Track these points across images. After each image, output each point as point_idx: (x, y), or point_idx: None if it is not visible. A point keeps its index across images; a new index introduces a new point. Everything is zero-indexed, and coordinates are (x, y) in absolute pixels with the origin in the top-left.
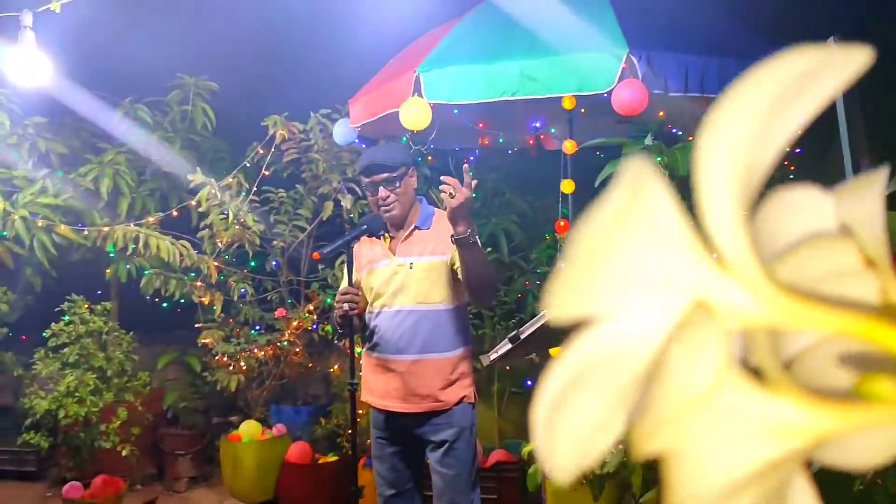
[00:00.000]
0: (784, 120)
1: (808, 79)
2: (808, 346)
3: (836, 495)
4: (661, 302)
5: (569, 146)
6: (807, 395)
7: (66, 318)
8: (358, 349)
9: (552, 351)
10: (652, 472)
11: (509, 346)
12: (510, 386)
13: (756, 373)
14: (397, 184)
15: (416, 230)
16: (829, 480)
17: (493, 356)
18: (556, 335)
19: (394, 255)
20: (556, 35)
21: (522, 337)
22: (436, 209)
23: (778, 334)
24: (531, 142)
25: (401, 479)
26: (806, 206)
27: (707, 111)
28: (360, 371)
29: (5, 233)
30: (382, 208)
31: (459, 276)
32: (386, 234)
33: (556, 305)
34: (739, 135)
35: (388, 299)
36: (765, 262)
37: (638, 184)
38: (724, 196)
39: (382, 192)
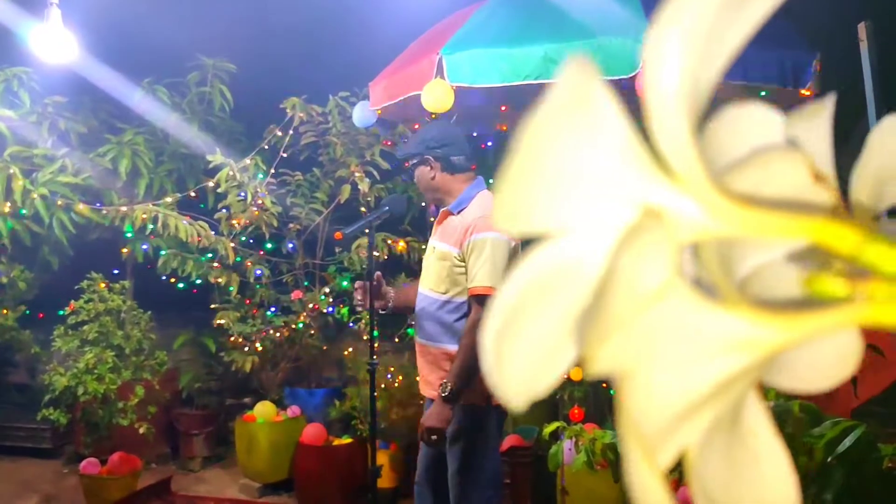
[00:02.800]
0: (733, 25)
1: None
2: (756, 266)
3: (862, 473)
4: (608, 214)
5: None
6: (758, 308)
7: (86, 296)
8: (375, 332)
9: None
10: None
11: None
12: None
13: (705, 291)
14: (413, 172)
15: (450, 215)
16: (855, 459)
17: None
18: None
19: (433, 236)
20: (580, 19)
21: None
22: (480, 192)
23: (727, 251)
24: None
25: (421, 466)
26: (754, 121)
27: (730, 97)
28: None
29: (24, 211)
30: None
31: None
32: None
33: (501, 217)
34: (688, 39)
35: (420, 280)
36: (714, 175)
37: (581, 88)
38: (673, 105)
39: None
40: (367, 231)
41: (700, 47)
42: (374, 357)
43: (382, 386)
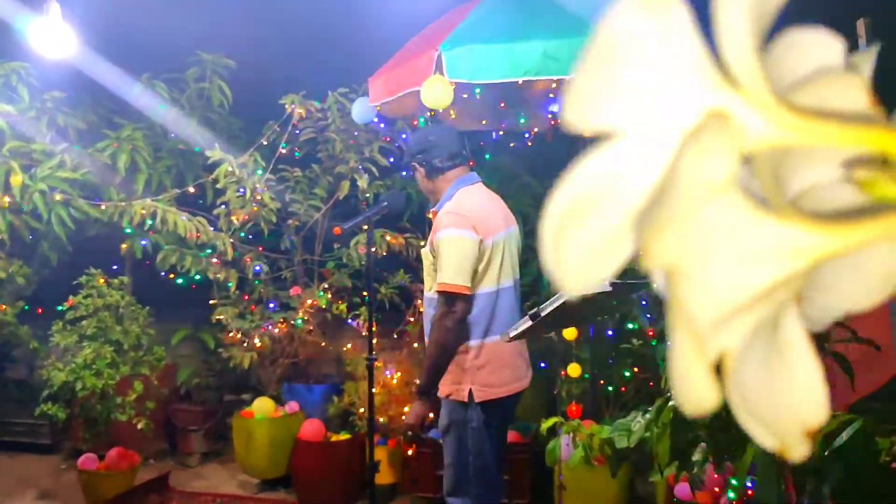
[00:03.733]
0: None
1: None
2: (808, 184)
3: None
4: (673, 117)
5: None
6: (809, 218)
7: (84, 291)
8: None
9: (567, 331)
10: (677, 441)
11: (529, 322)
12: None
13: (757, 201)
14: (413, 173)
15: (436, 215)
16: (853, 453)
17: (512, 333)
18: (576, 315)
19: None
20: (579, 15)
21: (543, 314)
22: (459, 190)
23: (781, 165)
24: (554, 123)
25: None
26: (816, 44)
27: None
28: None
29: (23, 206)
30: None
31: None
32: None
33: (570, 111)
34: None
35: None
36: (776, 89)
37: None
38: (739, 22)
39: None
40: (365, 227)
41: None
42: (374, 352)
43: (381, 382)
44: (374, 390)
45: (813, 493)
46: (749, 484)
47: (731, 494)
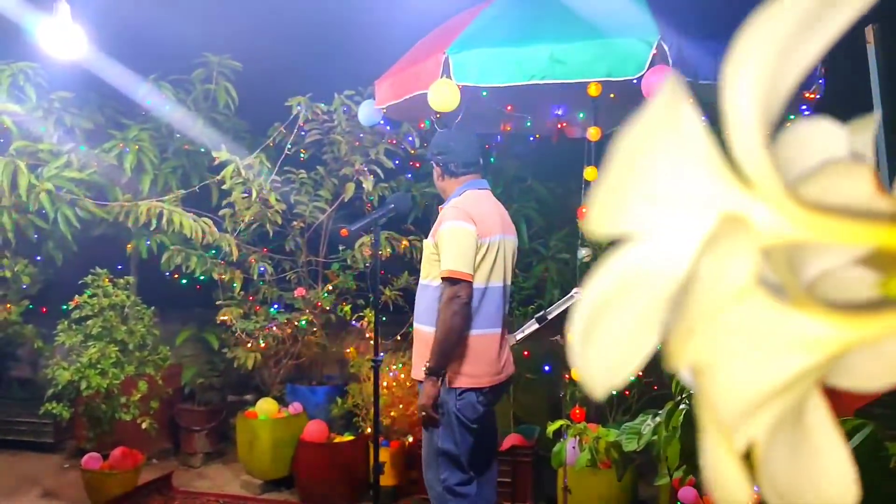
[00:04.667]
0: (804, 46)
1: (826, 5)
2: (824, 270)
3: (870, 472)
4: (690, 220)
5: (593, 133)
6: (827, 309)
7: (90, 290)
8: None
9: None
10: (688, 443)
11: (536, 326)
12: (525, 372)
13: (774, 292)
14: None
15: (442, 209)
16: (862, 458)
17: (519, 336)
18: None
19: None
20: (587, 19)
21: (549, 317)
22: (466, 191)
23: (796, 255)
24: (561, 126)
25: None
26: (821, 135)
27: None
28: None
29: (29, 205)
30: None
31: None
32: None
33: (594, 220)
34: (762, 60)
35: None
36: (786, 184)
37: (670, 104)
38: (749, 118)
39: None
40: (371, 229)
41: (776, 64)
42: (379, 353)
43: (384, 384)
44: (379, 391)
45: None
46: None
47: None
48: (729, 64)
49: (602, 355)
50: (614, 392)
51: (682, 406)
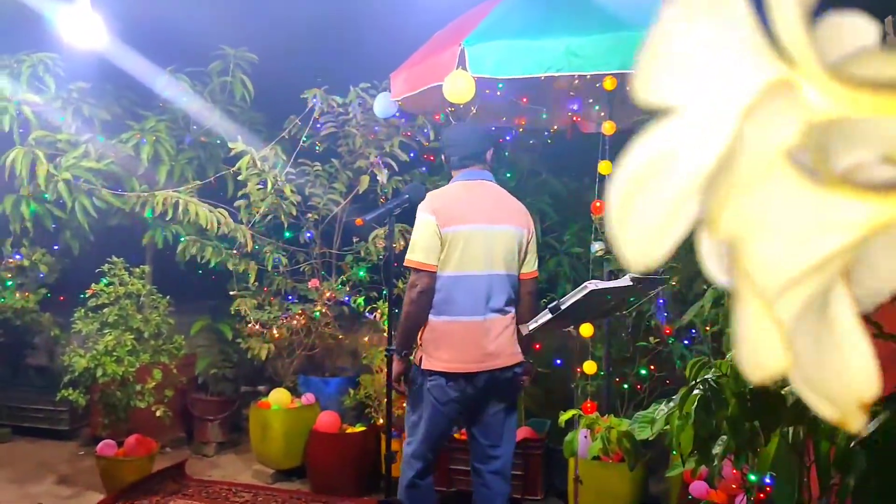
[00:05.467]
0: None
1: None
2: (858, 161)
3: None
4: (732, 93)
5: (608, 127)
6: (858, 190)
7: (106, 279)
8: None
9: (584, 328)
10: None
11: (549, 316)
12: (536, 366)
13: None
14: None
15: None
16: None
17: (532, 326)
18: (595, 309)
19: None
20: (602, 12)
21: (563, 308)
22: (456, 182)
23: (833, 141)
24: (576, 119)
25: None
26: (855, 27)
27: None
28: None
29: (47, 195)
30: None
31: None
32: None
33: (640, 89)
34: None
35: None
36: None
37: None
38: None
39: None
40: (386, 220)
41: None
42: (392, 344)
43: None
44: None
45: (839, 485)
46: (768, 480)
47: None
48: None
49: (640, 228)
50: (625, 386)
51: (695, 391)
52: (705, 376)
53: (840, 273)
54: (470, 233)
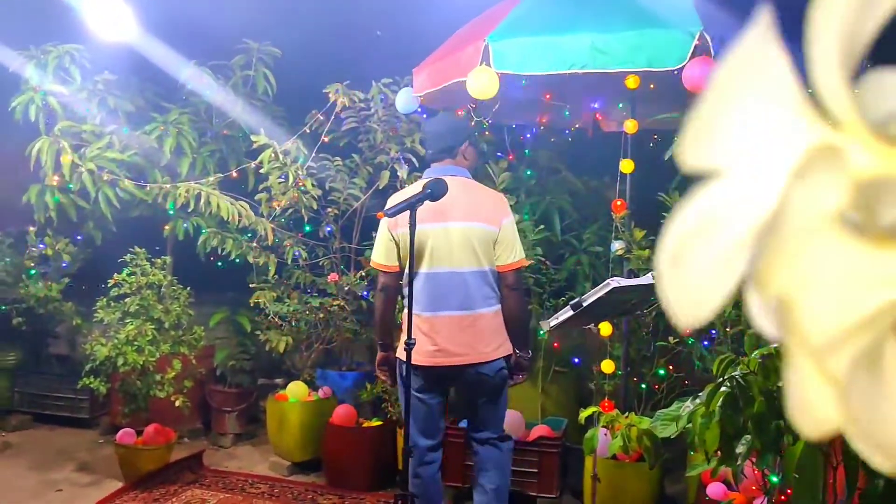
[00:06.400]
0: None
1: None
2: None
3: None
4: (777, 156)
5: (630, 126)
6: None
7: (128, 269)
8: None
9: (602, 327)
10: (727, 428)
11: (570, 312)
12: (553, 364)
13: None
14: None
15: None
16: None
17: (553, 322)
18: (617, 307)
19: None
20: (627, 10)
21: (584, 304)
22: (421, 179)
23: (879, 196)
24: (599, 118)
25: None
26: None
27: None
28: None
29: (71, 185)
30: None
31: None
32: None
33: (686, 154)
34: (845, 8)
35: None
36: (869, 123)
37: (760, 43)
38: (833, 61)
39: None
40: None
41: (858, 9)
42: (412, 338)
43: None
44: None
45: (865, 489)
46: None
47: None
48: (815, 7)
49: (689, 286)
50: (643, 386)
51: (722, 388)
52: (732, 373)
53: (891, 327)
54: (420, 231)
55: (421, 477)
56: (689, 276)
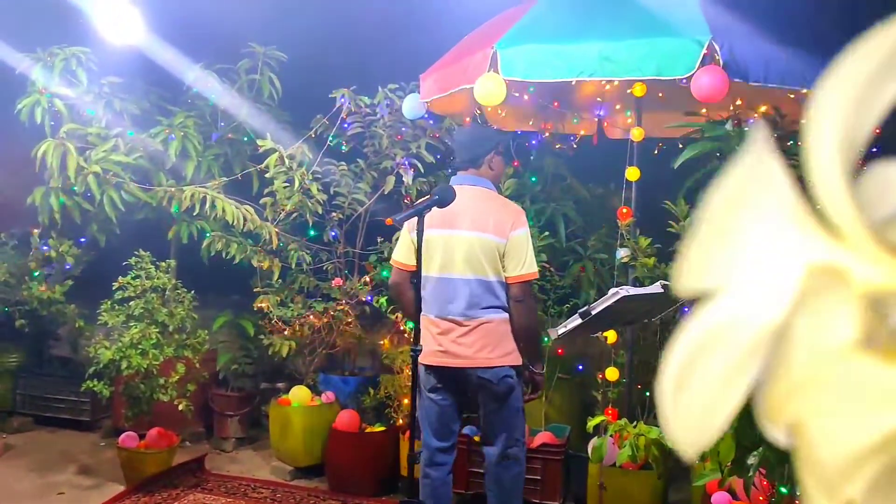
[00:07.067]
0: (883, 89)
1: None
2: None
3: None
4: (778, 275)
5: (636, 134)
6: None
7: (133, 272)
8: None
9: (609, 333)
10: (742, 440)
11: (579, 321)
12: (558, 371)
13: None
14: None
15: None
16: None
17: (561, 330)
18: (625, 315)
19: None
20: (636, 18)
21: (593, 313)
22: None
23: (888, 304)
24: (605, 125)
25: None
26: None
27: (785, 102)
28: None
29: (75, 188)
30: None
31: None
32: None
33: (684, 279)
34: (844, 106)
35: None
36: (872, 230)
37: (759, 160)
38: (834, 163)
39: None
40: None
41: (856, 108)
42: (418, 344)
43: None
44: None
45: None
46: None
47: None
48: (812, 110)
49: (693, 410)
50: (647, 393)
51: None
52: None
53: None
54: (430, 237)
55: (430, 478)
56: (693, 400)
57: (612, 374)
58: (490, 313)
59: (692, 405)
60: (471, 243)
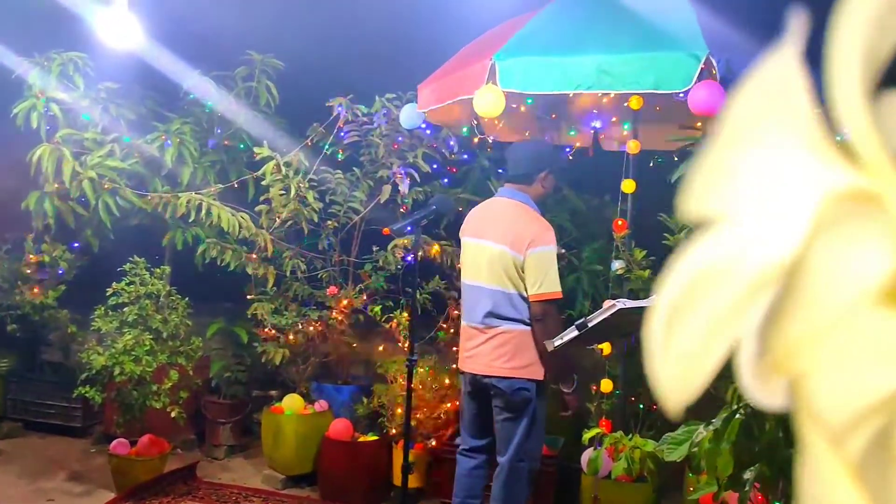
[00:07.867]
0: None
1: None
2: None
3: None
4: (796, 203)
5: (633, 146)
6: None
7: (128, 278)
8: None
9: (605, 345)
10: (741, 454)
11: (576, 332)
12: (550, 383)
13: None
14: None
15: None
16: None
17: (557, 342)
18: (621, 327)
19: None
20: (635, 32)
21: (590, 325)
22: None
23: None
24: (602, 137)
25: None
26: None
27: None
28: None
29: (71, 192)
30: None
31: None
32: None
33: (692, 199)
34: (865, 25)
35: None
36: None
37: (781, 74)
38: (854, 85)
39: None
40: (412, 230)
41: (880, 22)
42: (414, 354)
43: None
44: (411, 389)
45: None
46: None
47: None
48: (837, 26)
49: (679, 356)
50: (640, 406)
51: (737, 416)
52: (748, 401)
53: None
54: (465, 244)
55: (461, 464)
56: (681, 344)
57: (606, 385)
58: (509, 324)
59: (683, 348)
60: (493, 254)
